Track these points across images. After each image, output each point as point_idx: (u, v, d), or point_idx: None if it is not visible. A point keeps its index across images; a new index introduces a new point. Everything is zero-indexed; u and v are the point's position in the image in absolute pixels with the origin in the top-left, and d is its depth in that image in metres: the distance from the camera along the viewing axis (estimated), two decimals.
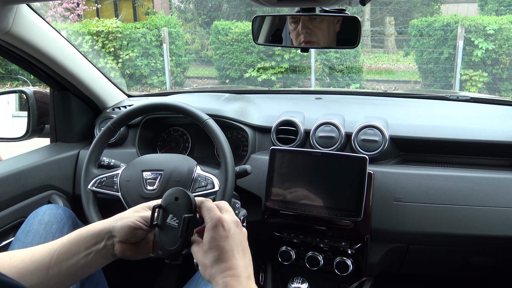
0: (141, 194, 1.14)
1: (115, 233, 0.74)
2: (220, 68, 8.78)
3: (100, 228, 0.75)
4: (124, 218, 0.75)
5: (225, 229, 0.70)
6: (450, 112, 1.46)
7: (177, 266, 1.84)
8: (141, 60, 8.68)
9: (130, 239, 0.74)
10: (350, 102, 1.63)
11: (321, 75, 8.21)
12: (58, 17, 9.95)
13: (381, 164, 1.31)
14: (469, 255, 1.35)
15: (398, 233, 1.25)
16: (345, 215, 1.21)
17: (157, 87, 8.80)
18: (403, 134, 1.32)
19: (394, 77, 8.66)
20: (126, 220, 0.75)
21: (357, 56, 8.24)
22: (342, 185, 1.21)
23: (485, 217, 1.19)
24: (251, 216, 1.34)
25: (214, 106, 1.50)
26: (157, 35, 8.71)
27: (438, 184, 1.22)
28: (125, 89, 1.77)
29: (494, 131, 1.30)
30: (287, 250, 1.34)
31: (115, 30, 8.60)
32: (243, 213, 1.27)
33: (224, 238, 0.69)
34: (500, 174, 1.23)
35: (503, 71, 7.26)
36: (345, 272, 1.28)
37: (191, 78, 9.73)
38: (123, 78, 8.51)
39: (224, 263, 0.67)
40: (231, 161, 1.14)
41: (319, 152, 1.25)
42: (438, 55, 7.48)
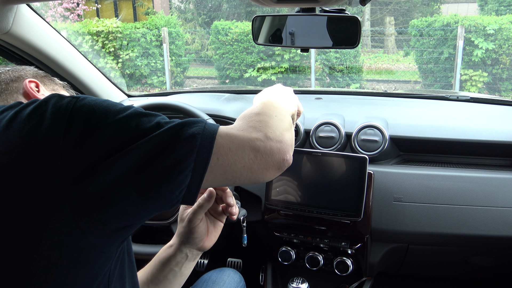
0: None
1: (185, 245, 0.94)
2: (220, 68, 8.78)
3: (173, 253, 0.94)
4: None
5: None
6: (450, 112, 1.46)
7: None
8: (141, 60, 8.68)
9: (193, 234, 0.91)
10: (350, 102, 1.63)
11: (321, 75, 8.20)
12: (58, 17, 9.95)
13: (381, 164, 1.31)
14: (469, 255, 1.35)
15: (398, 233, 1.25)
16: (345, 215, 1.21)
17: (157, 87, 8.80)
18: (403, 134, 1.33)
19: (394, 77, 8.66)
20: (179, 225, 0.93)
21: (357, 56, 8.23)
22: (342, 185, 1.21)
23: (485, 217, 1.19)
24: (251, 216, 1.34)
25: (214, 106, 1.50)
26: (157, 35, 8.71)
27: (438, 184, 1.22)
28: (125, 89, 1.77)
29: (494, 131, 1.30)
30: (287, 250, 1.34)
31: (115, 30, 8.60)
32: (243, 213, 1.27)
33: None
34: (500, 174, 1.23)
35: (503, 71, 7.26)
36: (345, 272, 1.28)
37: (191, 78, 9.74)
38: (123, 78, 8.51)
39: None
40: None
41: (319, 152, 1.25)
42: (438, 55, 7.48)
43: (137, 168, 0.55)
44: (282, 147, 0.69)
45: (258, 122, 0.70)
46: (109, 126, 0.56)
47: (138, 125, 0.58)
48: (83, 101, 0.58)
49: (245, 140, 0.65)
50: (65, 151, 0.54)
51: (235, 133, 0.66)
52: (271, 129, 0.69)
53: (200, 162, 0.60)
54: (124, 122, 0.57)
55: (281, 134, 0.71)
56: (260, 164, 0.66)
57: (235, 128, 0.68)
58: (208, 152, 0.60)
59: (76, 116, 0.56)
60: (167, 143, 0.57)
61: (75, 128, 0.55)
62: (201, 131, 0.61)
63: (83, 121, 0.56)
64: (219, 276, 1.20)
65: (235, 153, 0.64)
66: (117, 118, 0.57)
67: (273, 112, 0.76)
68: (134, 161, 0.55)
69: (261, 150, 0.66)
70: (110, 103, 0.60)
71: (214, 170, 0.62)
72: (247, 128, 0.68)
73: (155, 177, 0.56)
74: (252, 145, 0.65)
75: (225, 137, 0.64)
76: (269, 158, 0.67)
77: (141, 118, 0.59)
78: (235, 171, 0.64)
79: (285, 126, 0.75)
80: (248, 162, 0.65)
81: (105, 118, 0.57)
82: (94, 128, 0.55)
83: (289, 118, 0.81)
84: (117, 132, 0.56)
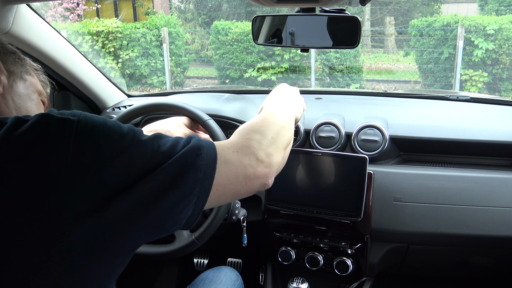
0: None
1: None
2: (220, 68, 8.77)
3: None
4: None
5: None
6: (450, 112, 1.46)
7: (177, 266, 1.84)
8: (141, 60, 8.68)
9: None
10: (350, 102, 1.63)
11: (321, 75, 8.20)
12: (58, 17, 9.95)
13: (381, 164, 1.31)
14: (469, 255, 1.35)
15: (398, 233, 1.25)
16: (345, 215, 1.21)
17: (157, 87, 8.79)
18: (403, 134, 1.32)
19: (394, 77, 8.66)
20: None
21: (357, 56, 8.23)
22: (342, 185, 1.21)
23: (485, 217, 1.19)
24: (251, 216, 1.34)
25: (214, 106, 1.50)
26: (157, 35, 8.71)
27: (438, 184, 1.22)
28: (125, 89, 1.77)
29: (494, 131, 1.30)
30: (287, 250, 1.34)
31: (115, 30, 8.60)
32: (243, 213, 1.27)
33: None
34: (500, 174, 1.23)
35: (503, 71, 7.25)
36: (345, 272, 1.28)
37: (191, 78, 9.73)
38: (123, 78, 8.51)
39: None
40: None
41: (319, 152, 1.25)
42: (438, 55, 7.47)
43: (149, 203, 0.54)
44: (269, 172, 0.70)
45: (253, 142, 0.70)
46: (117, 157, 0.53)
47: (144, 155, 0.55)
48: (85, 124, 0.54)
49: (240, 167, 0.66)
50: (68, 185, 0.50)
51: (231, 158, 0.65)
52: (264, 151, 0.70)
53: (202, 195, 0.60)
54: (132, 151, 0.55)
55: (272, 156, 0.71)
56: (247, 189, 0.68)
57: (231, 148, 0.67)
58: (210, 184, 0.60)
59: (81, 142, 0.52)
60: (176, 176, 0.56)
61: (81, 156, 0.52)
62: (204, 160, 0.60)
63: (88, 150, 0.52)
64: (216, 274, 1.21)
65: (231, 182, 0.65)
66: (124, 148, 0.54)
67: (273, 128, 0.76)
68: (147, 195, 0.54)
69: (251, 176, 0.67)
70: (110, 125, 0.56)
71: (211, 200, 0.62)
72: (241, 148, 0.68)
73: (164, 212, 0.55)
74: (244, 172, 0.66)
75: (223, 164, 0.63)
76: (255, 182, 0.69)
77: (146, 145, 0.56)
78: (227, 197, 0.66)
79: (281, 144, 0.76)
80: (238, 188, 0.66)
81: (111, 148, 0.54)
82: (101, 160, 0.52)
83: (290, 132, 0.82)
84: (125, 164, 0.54)
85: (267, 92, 1.83)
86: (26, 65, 0.81)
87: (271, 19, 1.10)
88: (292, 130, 0.84)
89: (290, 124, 0.84)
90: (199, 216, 0.61)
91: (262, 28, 1.12)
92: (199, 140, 0.62)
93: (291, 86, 1.00)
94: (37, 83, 0.82)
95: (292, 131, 0.85)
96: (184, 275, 1.82)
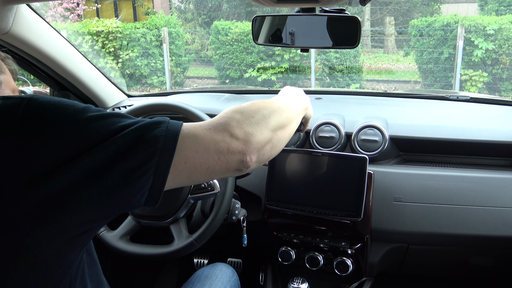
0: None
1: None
2: (220, 68, 8.77)
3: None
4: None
5: None
6: (450, 112, 1.46)
7: (177, 266, 1.84)
8: (141, 60, 8.68)
9: None
10: (350, 102, 1.63)
11: (321, 75, 8.20)
12: (58, 17, 9.95)
13: (381, 164, 1.31)
14: (469, 255, 1.35)
15: (398, 233, 1.25)
16: (345, 215, 1.21)
17: (157, 87, 8.79)
18: (403, 134, 1.32)
19: (394, 77, 8.66)
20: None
21: (357, 56, 8.23)
22: (342, 185, 1.21)
23: (485, 217, 1.19)
24: (251, 216, 1.34)
25: (214, 106, 1.50)
26: (157, 35, 8.71)
27: (438, 184, 1.22)
28: (125, 89, 1.77)
29: (494, 131, 1.30)
30: (287, 250, 1.34)
31: (115, 30, 8.60)
32: (243, 213, 1.28)
33: None
34: (500, 174, 1.23)
35: (503, 71, 7.25)
36: (345, 272, 1.28)
37: (191, 78, 9.73)
38: (123, 78, 8.51)
39: None
40: None
41: (319, 152, 1.25)
42: (438, 55, 7.47)
43: (98, 172, 0.54)
44: (245, 148, 0.67)
45: (231, 120, 0.68)
46: (69, 128, 0.55)
47: (99, 128, 0.56)
48: (36, 102, 0.55)
49: (210, 142, 0.64)
50: (15, 154, 0.52)
51: (200, 133, 0.64)
52: (241, 129, 0.68)
53: (162, 165, 0.59)
54: (84, 124, 0.56)
55: (251, 135, 0.69)
56: (222, 165, 0.66)
57: (204, 126, 0.66)
58: (170, 155, 0.59)
59: (29, 117, 0.53)
60: (128, 146, 0.56)
61: (29, 130, 0.53)
62: (163, 132, 0.59)
63: (38, 123, 0.53)
64: (211, 271, 1.21)
65: (202, 156, 0.63)
66: (78, 120, 0.56)
67: (260, 112, 0.74)
68: (95, 165, 0.54)
69: (224, 151, 0.65)
70: (67, 103, 0.57)
71: (181, 173, 0.61)
72: (215, 125, 0.66)
73: (116, 181, 0.55)
74: (216, 147, 0.64)
75: (191, 138, 0.63)
76: (230, 158, 0.66)
77: (103, 120, 0.57)
78: (200, 172, 0.64)
79: (268, 125, 0.73)
80: (212, 163, 0.64)
81: (63, 119, 0.55)
82: (51, 130, 0.54)
83: (284, 115, 0.79)
84: (77, 135, 0.55)
85: (267, 92, 1.83)
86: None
87: (271, 19, 1.10)
88: (291, 115, 0.82)
89: (286, 110, 0.81)
90: (163, 187, 0.60)
91: (262, 28, 1.12)
92: (163, 118, 0.62)
93: (294, 88, 1.00)
94: (10, 80, 0.79)
95: (292, 116, 0.82)
96: (184, 275, 1.82)
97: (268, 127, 0.73)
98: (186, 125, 0.64)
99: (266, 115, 0.74)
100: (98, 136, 0.55)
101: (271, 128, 0.74)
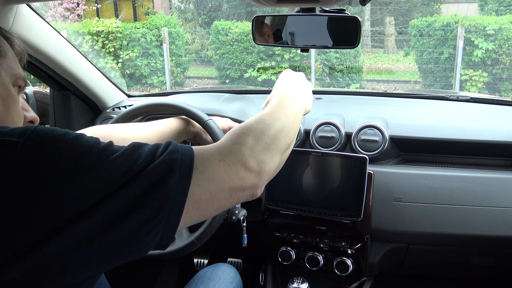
0: None
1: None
2: (220, 68, 8.78)
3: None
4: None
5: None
6: (450, 112, 1.46)
7: (177, 266, 1.84)
8: (141, 60, 8.68)
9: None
10: (350, 102, 1.63)
11: (321, 75, 8.20)
12: (58, 17, 9.95)
13: (381, 164, 1.31)
14: (469, 255, 1.35)
15: (398, 233, 1.25)
16: (345, 215, 1.21)
17: (157, 87, 8.80)
18: (403, 134, 1.32)
19: (394, 77, 8.66)
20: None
21: (357, 56, 8.23)
22: (342, 185, 1.21)
23: (485, 217, 1.19)
24: (251, 216, 1.34)
25: (214, 106, 1.50)
26: (157, 35, 8.71)
27: (438, 184, 1.22)
28: (125, 89, 1.77)
29: (494, 131, 1.30)
30: (287, 250, 1.34)
31: (115, 30, 8.60)
32: (243, 213, 1.27)
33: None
34: (500, 174, 1.23)
35: (503, 71, 7.25)
36: (345, 272, 1.28)
37: (191, 78, 9.73)
38: (123, 78, 8.51)
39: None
40: None
41: (319, 152, 1.25)
42: (438, 55, 7.47)
43: (104, 231, 0.47)
44: (258, 182, 0.64)
45: (244, 148, 0.63)
46: (73, 179, 0.46)
47: (104, 177, 0.48)
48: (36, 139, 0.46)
49: (225, 181, 0.59)
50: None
51: (215, 170, 0.58)
52: (255, 159, 0.63)
53: (173, 216, 0.52)
54: (89, 174, 0.48)
55: (264, 164, 0.65)
56: (232, 202, 0.62)
57: (217, 156, 0.60)
58: (182, 202, 0.53)
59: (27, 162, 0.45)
60: (138, 198, 0.49)
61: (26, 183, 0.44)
62: (176, 178, 0.52)
63: (36, 171, 0.45)
64: (214, 272, 1.20)
65: (215, 198, 0.58)
66: (82, 169, 0.47)
67: (268, 132, 0.69)
68: (103, 219, 0.47)
69: (237, 188, 0.61)
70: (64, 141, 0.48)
71: (192, 218, 0.57)
72: (229, 156, 0.61)
73: (123, 238, 0.49)
74: (231, 185, 0.60)
75: (206, 179, 0.57)
76: (241, 194, 0.62)
77: (109, 165, 0.49)
78: (210, 213, 0.60)
79: (277, 149, 0.69)
80: (222, 202, 0.60)
81: (65, 168, 0.46)
82: (52, 183, 0.45)
83: (290, 135, 0.75)
84: (81, 189, 0.47)
85: (267, 92, 1.83)
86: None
87: (271, 19, 1.10)
88: (294, 130, 0.77)
89: (291, 125, 0.76)
90: (173, 236, 0.54)
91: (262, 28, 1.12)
92: (174, 152, 0.54)
93: (296, 72, 0.96)
94: (13, 65, 0.65)
95: (295, 131, 0.78)
96: (184, 275, 1.82)
97: (278, 151, 0.70)
98: (198, 159, 0.57)
99: (275, 136, 0.70)
100: (104, 189, 0.48)
101: (281, 151, 0.71)
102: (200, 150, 0.60)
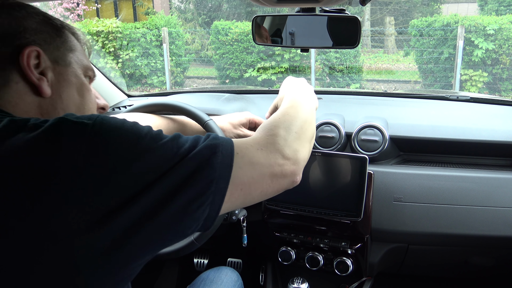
0: None
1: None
2: (220, 68, 8.78)
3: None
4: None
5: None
6: (450, 112, 1.46)
7: (177, 266, 1.84)
8: (141, 60, 8.68)
9: None
10: (350, 102, 1.63)
11: (321, 75, 8.20)
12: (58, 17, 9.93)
13: (381, 164, 1.31)
14: (469, 255, 1.35)
15: (398, 233, 1.25)
16: (345, 215, 1.21)
17: (157, 87, 8.80)
18: (403, 134, 1.32)
19: (394, 77, 8.66)
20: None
21: (357, 56, 8.23)
22: (342, 185, 1.21)
23: (485, 217, 1.19)
24: (251, 216, 1.34)
25: (214, 106, 1.50)
26: (157, 35, 8.71)
27: (438, 184, 1.22)
28: (125, 89, 1.77)
29: (494, 131, 1.30)
30: (287, 250, 1.34)
31: (115, 30, 8.60)
32: (243, 213, 1.28)
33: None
34: (500, 174, 1.23)
35: (503, 71, 7.26)
36: (345, 272, 1.28)
37: (191, 78, 9.74)
38: (123, 78, 8.51)
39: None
40: None
41: (319, 152, 1.25)
42: (438, 55, 7.47)
43: (160, 207, 0.52)
44: (296, 169, 0.69)
45: (278, 138, 0.69)
46: (134, 161, 0.52)
47: (159, 158, 0.54)
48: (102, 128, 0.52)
49: (265, 166, 0.64)
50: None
51: (255, 156, 0.64)
52: (289, 148, 0.69)
53: (218, 195, 0.57)
54: (147, 154, 0.53)
55: (298, 152, 0.70)
56: (274, 188, 0.67)
57: (255, 145, 0.65)
58: (226, 183, 0.58)
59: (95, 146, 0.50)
60: (187, 176, 0.54)
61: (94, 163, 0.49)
62: (219, 158, 0.58)
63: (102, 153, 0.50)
64: (217, 275, 1.21)
65: (257, 181, 0.63)
66: (138, 153, 0.53)
67: (296, 123, 0.75)
68: (157, 200, 0.52)
69: (278, 175, 0.66)
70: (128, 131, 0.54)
71: (236, 200, 0.61)
72: (266, 146, 0.67)
73: (175, 214, 0.54)
74: (271, 171, 0.65)
75: (248, 164, 0.62)
76: (282, 181, 0.67)
77: (162, 148, 0.55)
78: (253, 197, 0.65)
79: (306, 138, 0.75)
80: (265, 187, 0.65)
81: (127, 149, 0.52)
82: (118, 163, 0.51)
83: (313, 125, 0.81)
84: (142, 168, 0.52)
85: (267, 92, 1.83)
86: (64, 35, 0.66)
87: (271, 19, 1.10)
88: (314, 123, 0.83)
89: (312, 117, 0.83)
90: (217, 216, 0.59)
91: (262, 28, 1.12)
92: (215, 139, 0.60)
93: (297, 79, 1.00)
94: (83, 58, 0.69)
95: (314, 123, 0.84)
96: (184, 275, 1.82)
97: (307, 139, 0.76)
98: (238, 146, 0.62)
99: (302, 126, 0.76)
100: (158, 169, 0.53)
101: (308, 139, 0.76)
102: (238, 140, 0.65)
